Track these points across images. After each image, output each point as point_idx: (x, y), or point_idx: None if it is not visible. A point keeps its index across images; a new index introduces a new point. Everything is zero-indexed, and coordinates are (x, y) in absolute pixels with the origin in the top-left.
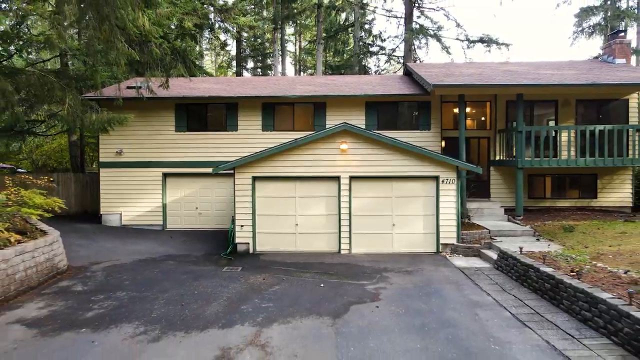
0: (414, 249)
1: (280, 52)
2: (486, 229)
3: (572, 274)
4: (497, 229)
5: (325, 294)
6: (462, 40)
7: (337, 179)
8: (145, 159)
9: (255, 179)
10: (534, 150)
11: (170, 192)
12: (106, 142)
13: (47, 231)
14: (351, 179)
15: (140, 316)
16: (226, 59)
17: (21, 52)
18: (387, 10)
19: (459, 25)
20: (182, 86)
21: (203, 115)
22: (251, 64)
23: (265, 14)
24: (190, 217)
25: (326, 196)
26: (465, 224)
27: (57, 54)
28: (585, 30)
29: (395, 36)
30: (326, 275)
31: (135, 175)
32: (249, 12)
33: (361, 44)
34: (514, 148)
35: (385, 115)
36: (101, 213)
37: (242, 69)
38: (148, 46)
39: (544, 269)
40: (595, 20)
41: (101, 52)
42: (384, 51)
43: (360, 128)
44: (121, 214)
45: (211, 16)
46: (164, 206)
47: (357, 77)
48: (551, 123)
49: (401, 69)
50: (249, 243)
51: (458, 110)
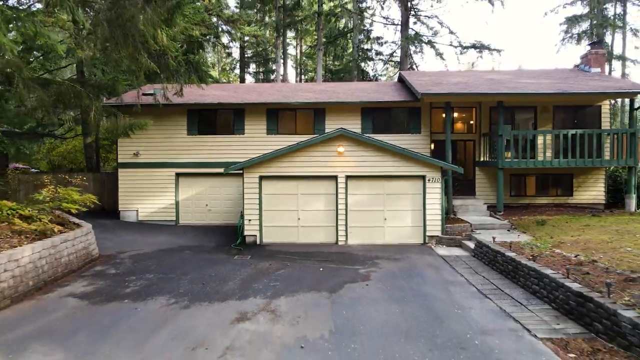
0: (403, 240)
1: (282, 57)
2: (468, 222)
3: (530, 257)
4: (479, 223)
5: (323, 276)
6: (456, 46)
7: (335, 178)
8: (159, 160)
9: (261, 178)
10: (513, 152)
11: (182, 191)
12: (124, 145)
13: (80, 224)
14: (347, 178)
15: (169, 291)
16: (230, 62)
17: (45, 61)
18: (385, 17)
19: (452, 32)
20: (193, 93)
21: (213, 119)
22: (254, 67)
23: (268, 19)
24: (201, 213)
25: (325, 193)
26: (451, 218)
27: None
28: (570, 38)
29: (393, 41)
30: (325, 262)
31: (151, 175)
32: (253, 18)
33: (360, 49)
34: (496, 150)
35: (380, 119)
36: (119, 209)
37: (245, 73)
38: (165, 59)
39: (508, 254)
40: (580, 28)
41: (123, 65)
42: (381, 56)
43: (355, 133)
44: (138, 210)
45: (219, 26)
46: (176, 203)
47: (354, 84)
48: (535, 127)
49: (398, 72)
50: (256, 235)
51: (445, 116)
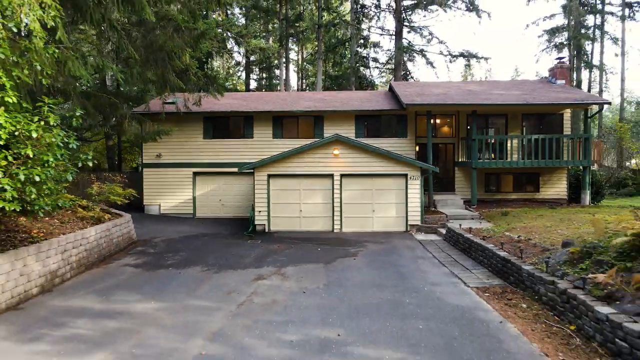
0: (389, 228)
1: (284, 64)
2: (445, 214)
3: (482, 237)
4: (454, 214)
5: (321, 253)
6: (445, 55)
7: (331, 176)
8: (179, 160)
9: (269, 176)
10: (484, 154)
11: (199, 187)
12: (148, 148)
13: (121, 214)
14: (342, 176)
15: (201, 263)
16: (236, 68)
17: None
18: (380, 27)
19: (441, 42)
20: (208, 102)
21: (225, 125)
22: (257, 71)
23: (271, 27)
24: (215, 207)
25: (323, 189)
26: (431, 210)
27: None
28: (548, 49)
29: (388, 49)
30: (322, 244)
31: (171, 174)
32: (257, 29)
33: (357, 57)
34: (471, 152)
35: (371, 125)
36: (144, 204)
37: (250, 79)
38: (187, 74)
39: (466, 235)
40: (558, 40)
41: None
42: (377, 63)
43: (349, 138)
44: (160, 205)
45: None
46: (194, 198)
47: (349, 93)
48: (506, 132)
49: (392, 79)
50: (264, 224)
51: (427, 123)
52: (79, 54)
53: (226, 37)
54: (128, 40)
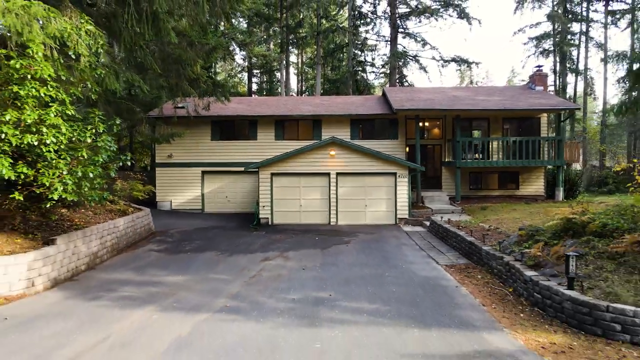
0: (379, 221)
1: (285, 69)
2: (430, 208)
3: (457, 227)
4: (439, 209)
5: (318, 241)
6: (438, 60)
7: (328, 174)
8: (188, 160)
9: (272, 174)
10: (468, 154)
11: (207, 185)
12: (160, 148)
13: (140, 208)
14: (337, 174)
15: (215, 249)
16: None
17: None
18: (376, 33)
19: (433, 47)
20: (215, 106)
21: (232, 128)
22: (257, 73)
23: (271, 32)
24: (222, 203)
25: (320, 186)
26: (419, 206)
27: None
28: (533, 55)
29: (384, 54)
30: (319, 234)
31: (181, 173)
32: (259, 34)
33: (354, 61)
34: (455, 153)
35: (365, 128)
36: (157, 200)
37: (252, 83)
38: (198, 82)
39: (445, 225)
40: (543, 47)
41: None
42: (373, 68)
43: (344, 140)
44: (171, 201)
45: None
46: (202, 195)
47: (346, 98)
48: (488, 134)
49: (387, 82)
50: (268, 218)
51: (415, 126)
52: (113, 70)
53: (230, 45)
54: (147, 53)
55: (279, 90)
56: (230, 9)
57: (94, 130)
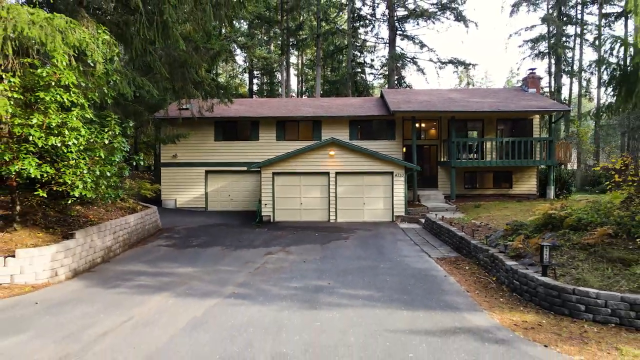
0: (377, 219)
1: (285, 70)
2: (426, 206)
3: (449, 223)
4: (434, 206)
5: (318, 237)
6: (435, 62)
7: (327, 174)
8: (192, 160)
9: (274, 173)
10: (463, 154)
11: (210, 184)
12: (165, 149)
13: (148, 205)
14: (337, 174)
15: (220, 244)
16: (239, 71)
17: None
18: (375, 35)
19: (431, 50)
20: (218, 107)
21: (234, 129)
22: (258, 74)
23: (272, 34)
24: (225, 202)
25: (320, 185)
26: (415, 204)
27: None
28: (528, 57)
29: (383, 55)
30: (319, 231)
31: (186, 172)
32: (260, 36)
33: (354, 62)
34: (450, 153)
35: (364, 129)
36: (162, 199)
37: (253, 84)
38: (202, 85)
39: (438, 222)
40: (537, 50)
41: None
42: (372, 69)
43: (343, 140)
44: (176, 199)
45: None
46: (206, 194)
47: (345, 99)
48: (482, 135)
49: (386, 83)
50: (270, 215)
51: (411, 127)
52: (125, 75)
53: (232, 47)
54: (155, 58)
55: (280, 91)
56: (234, 14)
57: (110, 133)
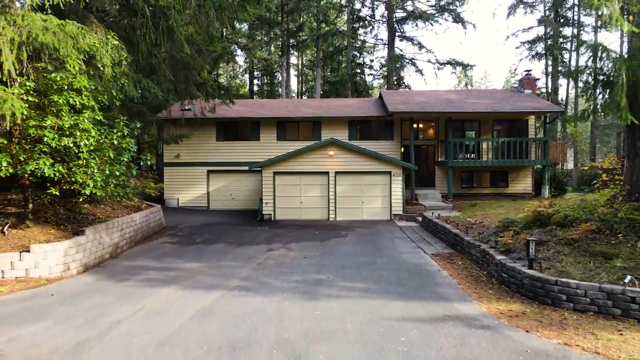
0: (375, 217)
1: (285, 70)
2: (423, 205)
3: (445, 221)
4: (431, 205)
5: (318, 235)
6: (434, 63)
7: (327, 173)
8: (195, 160)
9: (275, 173)
10: (460, 154)
11: (212, 183)
12: (168, 149)
13: (152, 204)
14: (336, 173)
15: (223, 241)
16: (240, 71)
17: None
18: (374, 36)
19: (429, 51)
20: (220, 108)
21: (235, 129)
22: (258, 74)
23: (272, 34)
24: (226, 201)
25: (320, 184)
26: (413, 203)
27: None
28: (525, 58)
29: (382, 56)
30: (319, 229)
31: (188, 172)
32: (260, 37)
33: (353, 63)
34: (447, 153)
35: (363, 129)
36: (165, 198)
37: (253, 85)
38: (204, 86)
39: (434, 220)
40: (534, 51)
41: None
42: (371, 70)
43: (342, 141)
44: (178, 198)
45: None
46: (208, 193)
47: (344, 100)
48: (479, 135)
49: (385, 84)
50: (271, 214)
51: (409, 127)
52: (131, 78)
53: (233, 48)
54: (160, 61)
55: (280, 92)
56: (235, 17)
57: (119, 134)
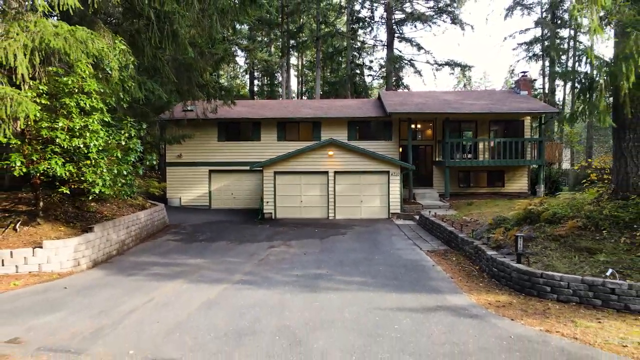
0: (374, 216)
1: (286, 71)
2: (421, 204)
3: (441, 219)
4: (429, 204)
5: (317, 233)
6: (432, 64)
7: (327, 173)
8: (197, 160)
9: (275, 173)
10: (457, 154)
11: (214, 183)
12: (170, 149)
13: (155, 203)
14: (335, 173)
15: (225, 239)
16: (240, 72)
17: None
18: (374, 37)
19: (427, 52)
20: (221, 109)
21: (237, 129)
22: (259, 75)
23: (272, 35)
24: (228, 200)
25: (320, 184)
26: (410, 202)
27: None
28: (522, 59)
29: (381, 57)
30: (319, 227)
31: (190, 171)
32: (260, 37)
33: (353, 64)
34: (444, 153)
35: (362, 130)
36: (167, 197)
37: (253, 86)
38: (206, 88)
39: (431, 218)
40: (533, 52)
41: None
42: (370, 71)
43: (341, 141)
44: (180, 198)
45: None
46: (209, 192)
47: (343, 101)
48: (475, 135)
49: (384, 84)
50: (271, 212)
51: (407, 128)
52: (137, 81)
53: (234, 50)
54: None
55: (280, 92)
56: (237, 19)
57: (126, 135)
